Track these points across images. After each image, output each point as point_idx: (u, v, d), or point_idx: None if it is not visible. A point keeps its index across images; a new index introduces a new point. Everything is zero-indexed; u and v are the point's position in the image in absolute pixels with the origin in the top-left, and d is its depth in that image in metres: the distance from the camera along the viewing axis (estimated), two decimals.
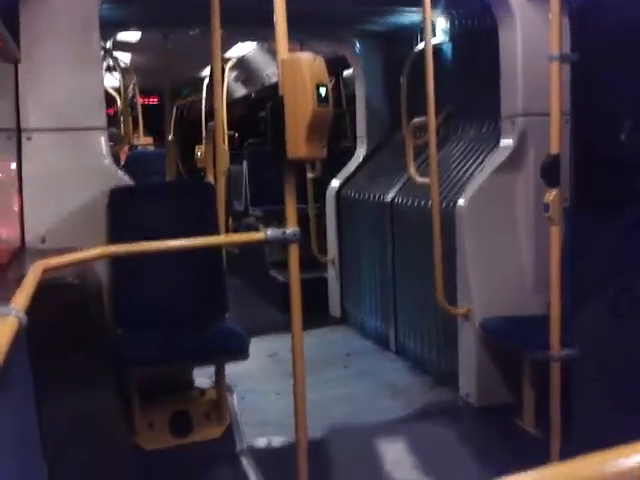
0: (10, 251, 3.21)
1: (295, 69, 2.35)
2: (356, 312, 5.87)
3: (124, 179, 3.82)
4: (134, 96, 9.76)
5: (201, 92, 9.65)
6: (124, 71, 7.53)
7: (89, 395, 2.65)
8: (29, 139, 3.52)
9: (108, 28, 4.65)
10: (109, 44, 6.37)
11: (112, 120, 6.09)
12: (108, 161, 3.74)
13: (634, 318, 2.69)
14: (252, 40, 7.55)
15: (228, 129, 8.73)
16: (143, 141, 10.87)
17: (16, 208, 3.45)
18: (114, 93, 8.92)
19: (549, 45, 3.13)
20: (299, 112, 2.34)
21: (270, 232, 2.49)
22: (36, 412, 1.86)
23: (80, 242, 2.92)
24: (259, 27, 5.34)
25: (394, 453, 3.55)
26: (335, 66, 7.48)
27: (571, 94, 3.97)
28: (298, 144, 2.36)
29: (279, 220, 6.93)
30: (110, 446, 2.71)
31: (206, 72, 9.41)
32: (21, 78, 3.48)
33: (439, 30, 5.14)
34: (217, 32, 3.63)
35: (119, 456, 2.78)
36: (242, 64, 9.00)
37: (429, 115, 4.07)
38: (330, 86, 2.48)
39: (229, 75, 9.36)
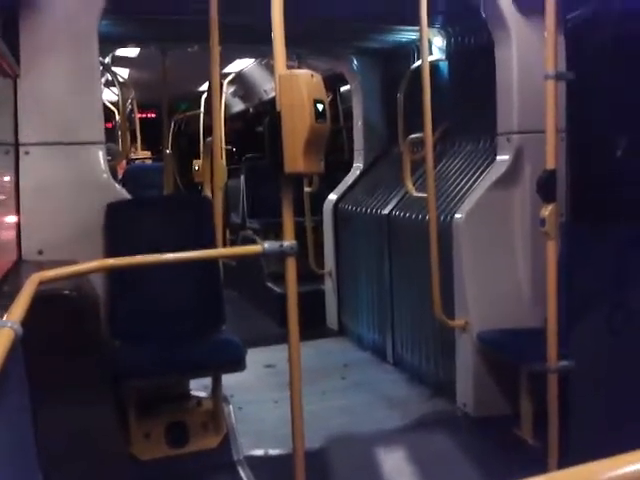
0: (6, 264, 3.22)
1: (293, 85, 2.37)
2: (353, 324, 5.87)
3: (122, 193, 3.83)
4: (132, 110, 9.80)
5: (199, 107, 9.70)
6: (122, 86, 7.57)
7: (85, 407, 2.64)
8: (27, 153, 3.53)
9: (107, 44, 4.68)
10: (108, 59, 6.41)
11: (110, 134, 6.11)
12: (106, 175, 3.75)
13: (630, 332, 2.70)
14: (250, 57, 7.61)
15: (226, 144, 8.77)
16: (141, 155, 10.91)
17: (13, 221, 3.46)
18: (112, 107, 8.97)
19: (545, 63, 3.15)
20: (297, 128, 2.36)
21: (267, 245, 2.50)
22: (32, 424, 1.86)
23: (77, 255, 2.93)
24: (257, 44, 5.38)
25: (392, 463, 3.55)
26: (333, 82, 7.53)
27: (567, 111, 4.00)
28: (296, 159, 2.38)
29: (276, 233, 6.96)
30: (106, 457, 2.70)
31: (204, 87, 9.46)
32: (20, 93, 3.49)
33: (435, 48, 5.19)
34: (215, 49, 3.66)
35: (115, 467, 2.78)
36: (240, 79, 9.06)
37: (426, 130, 4.10)
38: (327, 102, 2.50)
39: (227, 90, 9.42)
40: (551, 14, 3.11)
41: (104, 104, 4.31)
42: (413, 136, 4.72)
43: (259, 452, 3.66)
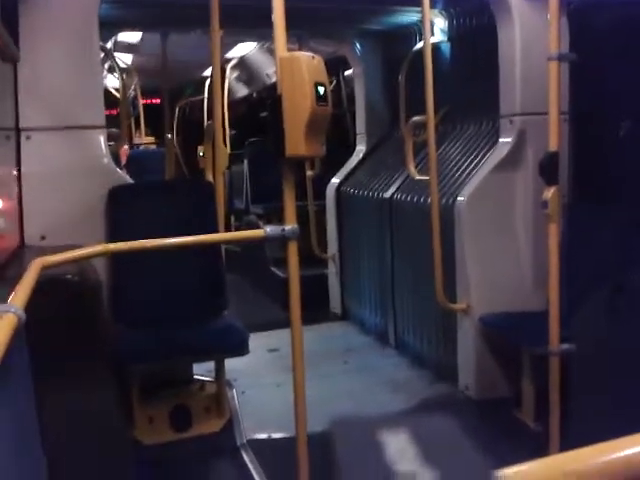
0: (9, 249, 3.22)
1: (294, 68, 2.36)
2: (356, 308, 5.88)
3: (123, 178, 3.83)
4: (136, 97, 9.76)
5: (203, 91, 9.66)
6: (125, 71, 7.53)
7: (88, 391, 2.66)
8: (28, 138, 3.52)
9: (108, 28, 4.65)
10: (110, 44, 6.37)
11: (115, 121, 6.09)
12: (107, 160, 3.74)
13: (631, 314, 2.70)
14: (252, 40, 7.56)
15: (230, 129, 8.73)
16: (145, 140, 10.89)
17: (16, 207, 3.47)
18: (117, 94, 8.94)
19: (547, 44, 3.13)
20: (298, 111, 2.35)
21: (269, 229, 2.50)
22: (35, 408, 1.87)
23: (79, 240, 2.93)
24: (259, 27, 5.35)
25: (394, 446, 3.56)
26: (336, 66, 7.50)
27: (570, 93, 3.98)
28: (297, 142, 2.37)
29: (280, 218, 6.94)
30: (110, 441, 2.72)
31: (208, 72, 9.41)
32: (20, 77, 3.48)
33: (437, 29, 5.15)
34: (216, 32, 3.64)
35: (119, 451, 2.79)
36: (243, 64, 9.01)
37: (428, 113, 4.08)
38: (329, 85, 2.49)
39: (230, 75, 9.37)
40: None
41: (109, 91, 4.30)
42: (415, 119, 4.70)
43: (262, 436, 3.68)
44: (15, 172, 3.49)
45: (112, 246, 2.61)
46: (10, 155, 3.46)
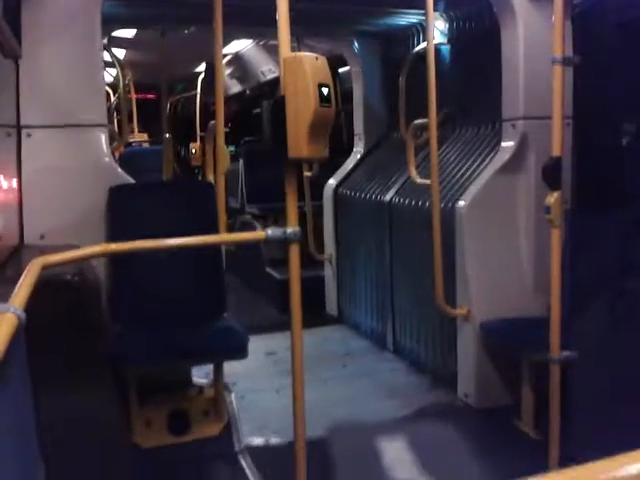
0: (8, 248, 3.18)
1: (297, 68, 2.33)
2: (353, 311, 5.85)
3: (124, 177, 3.79)
4: (128, 92, 9.72)
5: (195, 88, 9.62)
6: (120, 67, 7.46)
7: (86, 393, 2.63)
8: (29, 135, 3.49)
9: (106, 25, 4.61)
10: (105, 40, 6.32)
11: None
12: (108, 159, 3.71)
13: (633, 320, 2.68)
14: (248, 38, 7.52)
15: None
16: (138, 138, 10.82)
17: (15, 205, 3.42)
18: (108, 89, 8.88)
19: (551, 47, 3.11)
20: (301, 112, 2.32)
21: (270, 231, 2.46)
22: (34, 410, 1.83)
23: (79, 240, 2.90)
24: (256, 25, 5.32)
25: (392, 453, 3.54)
26: (331, 65, 7.45)
27: (573, 97, 3.96)
28: (300, 143, 2.34)
29: (276, 217, 6.93)
30: (107, 444, 2.69)
31: (201, 68, 9.37)
32: (22, 74, 3.45)
33: (437, 31, 5.12)
34: (219, 30, 3.60)
35: (116, 454, 2.76)
36: (237, 61, 8.98)
37: (430, 116, 4.05)
38: (332, 86, 2.46)
39: (224, 71, 9.34)
40: None
41: None
42: (418, 121, 4.67)
43: (260, 440, 3.65)
44: (15, 170, 3.45)
45: (112, 246, 2.57)
46: (11, 153, 3.42)
